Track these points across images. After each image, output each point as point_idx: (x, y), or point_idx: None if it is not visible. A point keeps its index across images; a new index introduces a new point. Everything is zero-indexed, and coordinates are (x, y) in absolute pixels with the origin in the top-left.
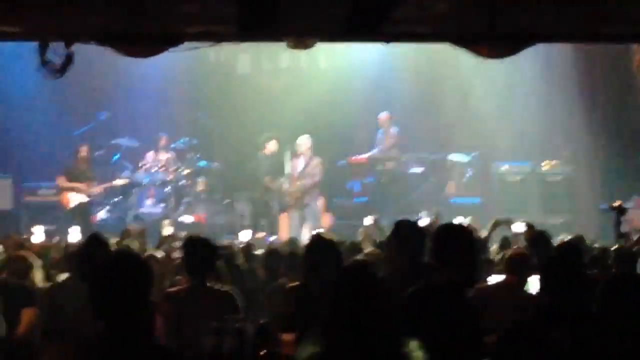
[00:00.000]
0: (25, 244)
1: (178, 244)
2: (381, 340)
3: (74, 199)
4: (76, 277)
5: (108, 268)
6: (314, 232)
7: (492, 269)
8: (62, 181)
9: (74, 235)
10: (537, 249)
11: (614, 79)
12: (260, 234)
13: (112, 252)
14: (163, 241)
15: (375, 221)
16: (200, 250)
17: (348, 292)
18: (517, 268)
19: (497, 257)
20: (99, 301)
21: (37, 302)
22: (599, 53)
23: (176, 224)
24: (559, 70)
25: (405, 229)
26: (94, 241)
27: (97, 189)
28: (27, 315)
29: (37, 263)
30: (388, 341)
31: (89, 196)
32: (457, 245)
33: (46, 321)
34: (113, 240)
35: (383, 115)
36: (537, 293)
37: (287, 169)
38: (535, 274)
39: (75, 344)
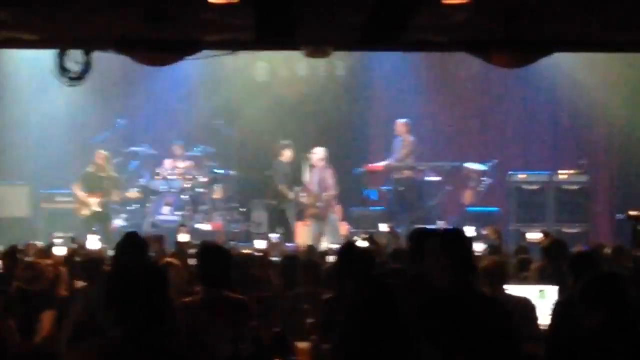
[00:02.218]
0: (45, 252)
1: (194, 251)
2: (396, 354)
3: (89, 209)
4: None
5: (127, 275)
6: (345, 241)
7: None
8: (76, 189)
9: (93, 242)
10: (553, 257)
11: (631, 86)
12: (277, 242)
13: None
14: (179, 248)
15: (391, 229)
16: (215, 259)
17: (364, 305)
18: (494, 278)
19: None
20: (117, 308)
21: (57, 308)
22: (614, 61)
23: (193, 231)
24: (576, 78)
25: (419, 237)
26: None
27: (114, 197)
28: (48, 318)
29: (61, 271)
30: (404, 354)
31: (104, 203)
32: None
33: (69, 328)
34: None
35: (400, 123)
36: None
37: (305, 177)
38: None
39: (94, 351)
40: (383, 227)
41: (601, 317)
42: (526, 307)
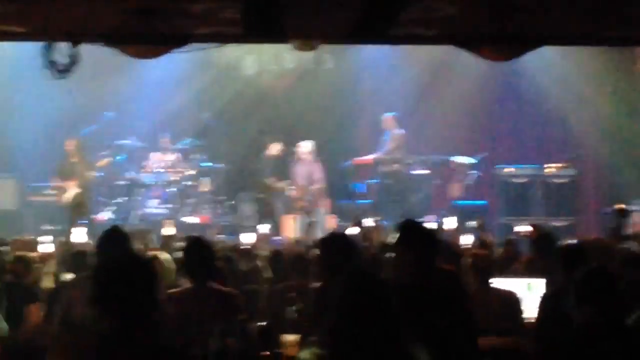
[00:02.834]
0: (32, 245)
1: (180, 244)
2: (386, 345)
3: (67, 195)
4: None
5: (113, 269)
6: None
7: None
8: (56, 181)
9: (78, 235)
10: (542, 250)
11: (619, 81)
12: (264, 235)
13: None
14: (165, 241)
15: (377, 223)
16: (200, 252)
17: (353, 297)
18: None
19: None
20: (104, 302)
21: (43, 301)
22: (603, 55)
23: (180, 224)
24: (563, 71)
25: (409, 230)
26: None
27: (87, 176)
28: (34, 311)
29: (49, 265)
30: (393, 345)
31: (81, 188)
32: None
33: (55, 321)
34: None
35: (387, 117)
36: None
37: (292, 171)
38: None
39: (81, 344)
40: (369, 222)
41: (593, 312)
42: (511, 300)
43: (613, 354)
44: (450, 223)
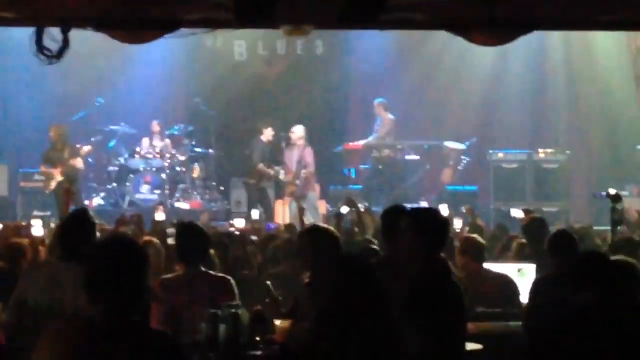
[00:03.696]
0: (22, 231)
1: (172, 230)
2: (376, 327)
3: (53, 182)
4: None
5: (104, 253)
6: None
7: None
8: (43, 168)
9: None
10: (533, 236)
11: (610, 67)
12: (256, 221)
13: (108, 236)
14: (155, 227)
15: (366, 209)
16: (193, 237)
17: (344, 282)
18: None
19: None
20: (94, 287)
21: None
22: (595, 40)
23: (172, 210)
24: (555, 56)
25: (392, 217)
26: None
27: (73, 163)
28: None
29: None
30: (383, 328)
31: (66, 175)
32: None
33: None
34: (108, 227)
35: (377, 103)
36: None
37: (284, 156)
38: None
39: (70, 330)
40: (360, 206)
41: (588, 296)
42: (506, 284)
43: (608, 338)
44: (443, 209)
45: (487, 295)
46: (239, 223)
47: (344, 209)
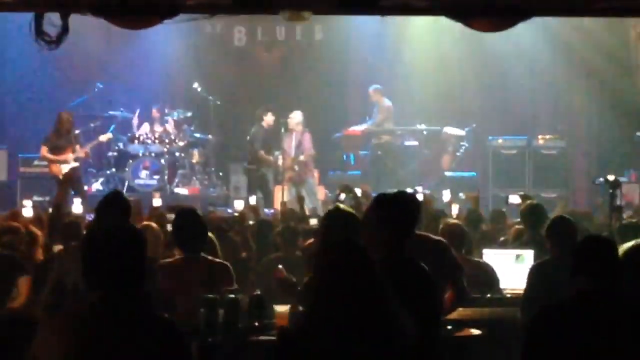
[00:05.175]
0: (18, 216)
1: (170, 215)
2: (372, 310)
3: (63, 167)
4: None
5: (103, 239)
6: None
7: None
8: (44, 151)
9: (77, 206)
10: (531, 222)
11: (610, 52)
12: (255, 206)
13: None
14: (153, 212)
15: (364, 192)
16: (191, 223)
17: (335, 266)
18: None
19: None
20: (94, 272)
21: (31, 273)
22: (595, 26)
23: (171, 195)
24: (556, 42)
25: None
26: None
27: (82, 152)
28: (24, 283)
29: (38, 235)
30: (378, 310)
31: (76, 161)
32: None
33: (46, 293)
34: None
35: (372, 90)
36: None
37: (283, 141)
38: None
39: (72, 316)
40: (357, 191)
41: (589, 281)
42: (487, 271)
43: (609, 323)
44: (445, 195)
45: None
46: (239, 205)
47: (342, 197)
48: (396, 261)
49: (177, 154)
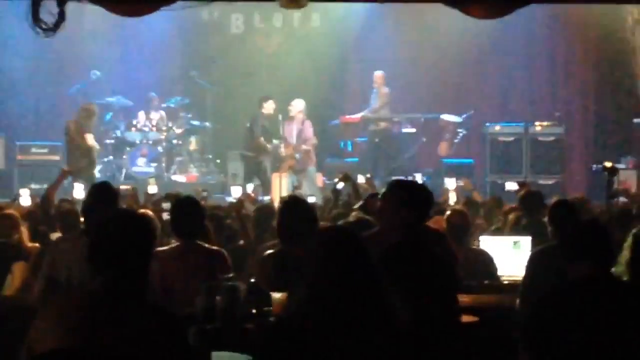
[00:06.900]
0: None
1: (166, 204)
2: (366, 299)
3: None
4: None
5: (110, 225)
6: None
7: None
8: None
9: (79, 191)
10: (529, 208)
11: (608, 39)
12: (253, 193)
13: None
14: (148, 200)
15: (367, 180)
16: (188, 210)
17: (333, 253)
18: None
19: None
20: (99, 258)
21: (26, 259)
22: (592, 13)
23: (168, 183)
24: (552, 29)
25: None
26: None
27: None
28: (19, 270)
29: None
30: (372, 298)
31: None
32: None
33: (42, 281)
34: None
35: (378, 75)
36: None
37: (282, 131)
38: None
39: (71, 303)
40: (361, 179)
41: (587, 268)
42: (486, 259)
43: (607, 309)
44: (449, 183)
45: (467, 270)
46: (236, 192)
47: (340, 185)
48: (416, 242)
49: (174, 141)
